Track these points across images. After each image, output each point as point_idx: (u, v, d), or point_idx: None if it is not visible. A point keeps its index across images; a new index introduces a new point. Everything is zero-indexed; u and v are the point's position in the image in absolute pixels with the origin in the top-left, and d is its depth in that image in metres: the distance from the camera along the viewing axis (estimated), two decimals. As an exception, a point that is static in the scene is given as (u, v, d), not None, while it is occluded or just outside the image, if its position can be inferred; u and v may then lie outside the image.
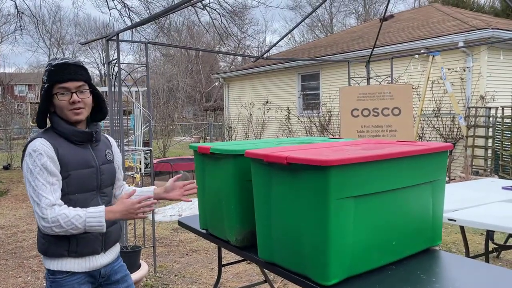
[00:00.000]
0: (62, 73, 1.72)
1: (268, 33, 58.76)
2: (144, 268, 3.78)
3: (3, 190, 8.61)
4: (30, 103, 26.57)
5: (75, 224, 1.65)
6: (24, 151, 1.74)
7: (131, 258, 3.71)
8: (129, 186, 2.16)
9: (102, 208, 1.70)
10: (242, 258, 2.45)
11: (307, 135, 12.36)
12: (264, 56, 5.75)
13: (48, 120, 1.82)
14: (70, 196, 1.74)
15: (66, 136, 1.76)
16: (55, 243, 1.74)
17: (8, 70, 41.28)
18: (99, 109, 1.88)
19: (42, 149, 1.68)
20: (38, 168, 1.66)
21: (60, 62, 1.74)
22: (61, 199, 1.71)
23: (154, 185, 1.82)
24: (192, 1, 3.10)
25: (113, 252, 1.93)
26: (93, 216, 1.68)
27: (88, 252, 1.79)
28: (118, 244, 1.99)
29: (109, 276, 1.91)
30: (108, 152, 1.94)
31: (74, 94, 1.74)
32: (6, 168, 11.94)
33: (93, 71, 39.63)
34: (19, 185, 9.34)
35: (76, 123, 1.79)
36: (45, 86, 1.73)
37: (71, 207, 1.69)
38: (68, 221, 1.64)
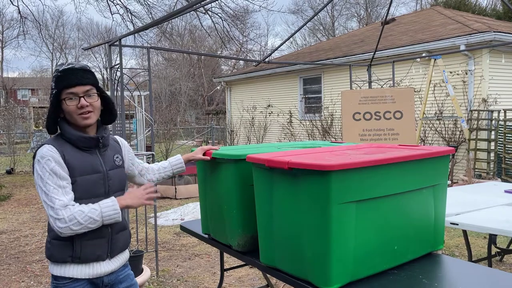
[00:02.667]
0: (69, 78, 1.72)
1: (270, 36, 58.85)
2: (146, 273, 3.78)
3: (6, 194, 8.63)
4: (33, 107, 26.67)
5: (92, 218, 1.67)
6: (34, 158, 1.75)
7: (133, 262, 3.71)
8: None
9: (113, 197, 1.75)
10: (244, 263, 2.45)
11: (309, 139, 12.36)
12: (266, 60, 5.76)
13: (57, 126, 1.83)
14: (77, 202, 1.74)
15: (73, 142, 1.75)
16: (59, 249, 1.73)
17: (11, 75, 41.46)
18: (108, 112, 1.90)
19: (49, 154, 1.68)
20: (47, 174, 1.67)
21: (66, 67, 1.73)
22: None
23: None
24: (194, 6, 3.12)
25: (120, 259, 1.88)
26: (107, 205, 1.70)
27: (92, 258, 1.76)
28: (126, 251, 1.94)
29: (112, 285, 1.86)
30: (117, 157, 1.91)
31: (82, 99, 1.73)
32: (9, 172, 11.97)
33: (96, 76, 39.71)
34: (22, 190, 9.36)
35: (86, 127, 1.78)
36: (54, 92, 1.73)
37: (83, 204, 1.70)
38: (85, 216, 1.66)
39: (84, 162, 1.75)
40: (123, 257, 1.91)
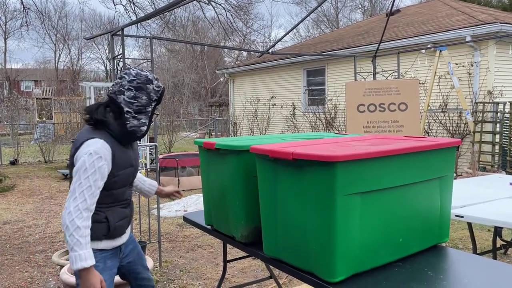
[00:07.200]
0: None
1: (273, 28, 58.55)
2: (149, 264, 3.78)
3: (10, 185, 8.67)
4: (37, 98, 26.70)
5: (69, 240, 1.80)
6: (78, 146, 1.89)
7: (136, 253, 3.71)
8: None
9: (89, 263, 1.82)
10: (247, 254, 2.44)
11: (312, 131, 12.32)
12: (270, 51, 5.72)
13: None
14: (113, 191, 2.00)
15: (119, 138, 1.97)
16: (96, 229, 1.96)
17: (14, 66, 41.42)
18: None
19: (102, 152, 1.87)
20: (93, 169, 1.84)
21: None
22: (106, 194, 1.96)
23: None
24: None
25: (129, 229, 2.26)
26: (80, 256, 1.80)
27: (118, 234, 2.09)
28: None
29: (125, 247, 2.21)
30: (137, 150, 2.20)
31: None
32: (13, 163, 12.01)
33: (99, 67, 39.76)
34: (25, 180, 9.40)
35: None
36: (154, 104, 2.02)
37: (88, 229, 1.83)
38: (72, 235, 1.79)
39: (126, 158, 2.01)
40: (130, 227, 2.28)
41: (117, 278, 2.31)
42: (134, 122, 1.95)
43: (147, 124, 1.99)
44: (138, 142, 2.22)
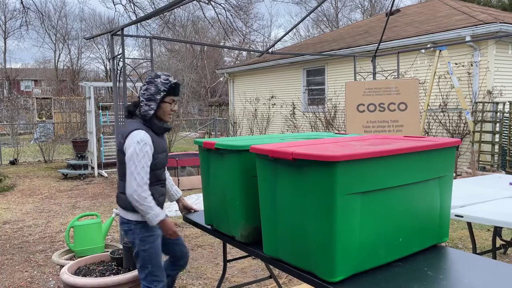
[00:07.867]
0: (177, 90, 2.50)
1: (273, 28, 58.47)
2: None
3: (10, 185, 8.66)
4: (36, 98, 26.66)
5: (141, 208, 2.32)
6: (126, 137, 2.38)
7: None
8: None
9: (163, 215, 2.39)
10: (247, 254, 2.45)
11: (312, 131, 12.31)
12: (270, 50, 5.72)
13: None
14: (155, 171, 2.46)
15: (154, 128, 2.46)
16: None
17: (14, 66, 41.39)
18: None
19: (146, 140, 2.37)
20: (143, 154, 2.34)
21: (177, 82, 2.50)
22: (151, 173, 2.42)
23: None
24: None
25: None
26: (155, 214, 2.35)
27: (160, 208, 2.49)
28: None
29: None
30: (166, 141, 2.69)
31: (176, 105, 2.54)
32: (13, 163, 12.00)
33: (99, 66, 39.73)
34: (25, 180, 9.39)
35: (166, 122, 2.54)
36: (163, 94, 2.44)
37: (150, 196, 2.35)
38: (142, 205, 2.31)
39: (160, 144, 2.49)
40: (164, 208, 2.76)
41: (133, 273, 2.84)
42: (145, 108, 2.44)
43: (155, 109, 2.44)
44: (166, 135, 2.50)
